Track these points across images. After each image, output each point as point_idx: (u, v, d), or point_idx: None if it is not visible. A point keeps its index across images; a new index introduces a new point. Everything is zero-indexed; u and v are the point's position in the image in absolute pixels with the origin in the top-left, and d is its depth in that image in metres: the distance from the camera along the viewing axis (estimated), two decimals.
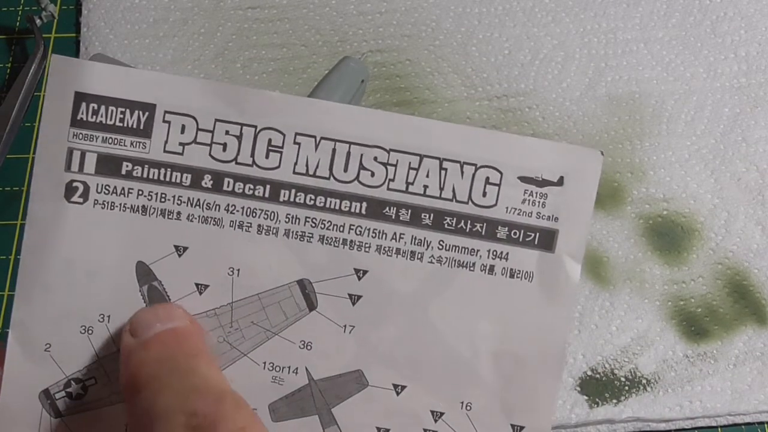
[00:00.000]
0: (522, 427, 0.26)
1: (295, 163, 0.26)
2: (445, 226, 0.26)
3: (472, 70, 0.48)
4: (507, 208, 0.26)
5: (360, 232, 0.26)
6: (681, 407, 0.40)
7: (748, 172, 0.45)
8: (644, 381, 0.41)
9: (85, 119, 0.26)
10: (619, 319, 0.42)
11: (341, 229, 0.26)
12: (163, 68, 0.48)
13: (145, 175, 0.26)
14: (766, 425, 0.41)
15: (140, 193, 0.26)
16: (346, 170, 0.26)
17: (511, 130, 0.46)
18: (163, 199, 0.26)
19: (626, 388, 0.40)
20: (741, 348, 0.41)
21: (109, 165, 0.26)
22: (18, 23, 0.51)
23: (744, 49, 0.48)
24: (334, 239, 0.26)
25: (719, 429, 0.41)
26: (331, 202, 0.26)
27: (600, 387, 0.40)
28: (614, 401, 0.40)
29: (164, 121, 0.26)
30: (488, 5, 0.50)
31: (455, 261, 0.26)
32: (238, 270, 0.26)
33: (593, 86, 0.48)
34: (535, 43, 0.49)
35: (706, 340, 0.41)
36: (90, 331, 0.26)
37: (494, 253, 0.26)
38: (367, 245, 0.26)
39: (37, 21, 0.48)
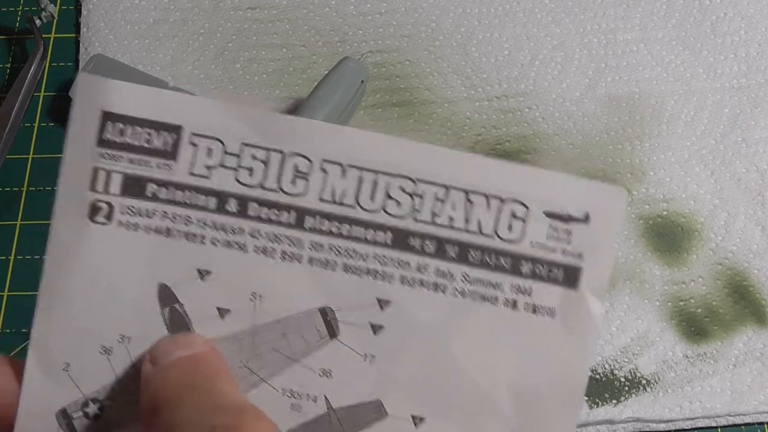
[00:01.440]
0: None
1: (322, 190, 0.26)
2: (470, 259, 0.26)
3: (472, 71, 0.48)
4: (532, 242, 0.25)
5: (384, 262, 0.26)
6: (681, 408, 0.40)
7: (748, 172, 0.45)
8: (644, 381, 0.41)
9: (111, 139, 0.26)
10: (618, 319, 0.42)
11: (365, 258, 0.26)
12: (163, 69, 0.48)
13: (170, 198, 0.26)
14: (765, 426, 0.41)
15: (164, 215, 0.26)
16: (372, 199, 0.25)
17: (511, 131, 0.46)
18: (187, 222, 0.26)
19: (626, 388, 0.40)
20: (741, 348, 0.41)
21: (134, 186, 0.26)
22: (18, 23, 0.51)
23: (744, 49, 0.48)
24: (357, 268, 0.26)
25: (719, 429, 0.41)
26: (356, 230, 0.26)
27: (600, 387, 0.40)
28: (614, 402, 0.40)
29: (191, 144, 0.26)
30: (488, 6, 0.50)
31: (479, 294, 0.26)
32: (261, 296, 0.26)
33: (593, 87, 0.48)
34: (535, 44, 0.49)
35: (706, 341, 0.41)
36: (109, 352, 0.26)
37: (518, 288, 0.26)
38: (390, 275, 0.26)
39: (37, 21, 0.48)
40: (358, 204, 0.26)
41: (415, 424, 0.26)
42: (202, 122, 0.26)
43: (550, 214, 0.26)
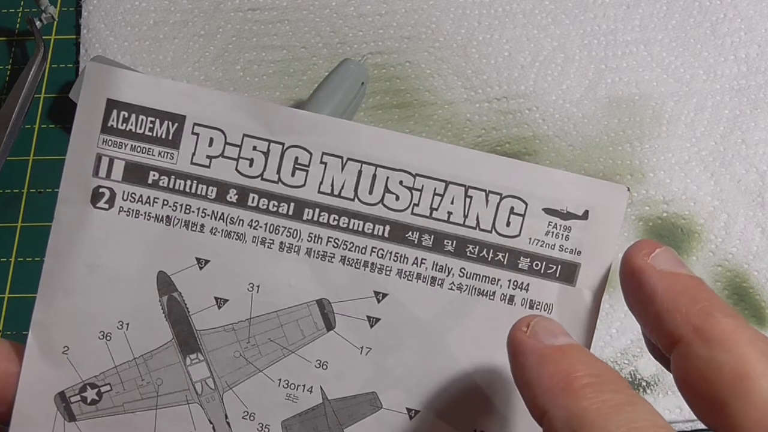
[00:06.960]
0: None
1: (321, 183, 0.26)
2: (467, 253, 0.26)
3: (472, 72, 0.48)
4: (530, 239, 0.26)
5: (382, 255, 0.26)
6: (681, 409, 0.40)
7: (748, 174, 0.45)
8: (644, 383, 0.41)
9: (115, 126, 0.26)
10: (618, 321, 0.42)
11: (363, 251, 0.26)
12: (163, 70, 0.48)
13: (171, 186, 0.26)
14: None
15: (165, 203, 0.26)
16: (371, 192, 0.26)
17: (511, 132, 0.47)
18: (187, 211, 0.26)
19: None
20: None
21: (136, 173, 0.26)
22: (18, 25, 0.51)
23: (744, 50, 0.48)
24: (355, 261, 0.26)
25: None
26: (354, 223, 0.26)
27: None
28: None
29: (193, 133, 0.26)
30: (488, 7, 0.50)
31: (475, 289, 0.26)
32: (258, 286, 0.26)
33: (593, 88, 0.48)
34: (535, 45, 0.49)
35: None
36: (108, 337, 0.26)
37: (515, 283, 0.26)
38: (388, 268, 0.26)
39: (37, 23, 0.48)
40: (357, 197, 0.26)
41: (410, 417, 0.26)
42: (205, 113, 0.26)
43: (548, 211, 0.26)
